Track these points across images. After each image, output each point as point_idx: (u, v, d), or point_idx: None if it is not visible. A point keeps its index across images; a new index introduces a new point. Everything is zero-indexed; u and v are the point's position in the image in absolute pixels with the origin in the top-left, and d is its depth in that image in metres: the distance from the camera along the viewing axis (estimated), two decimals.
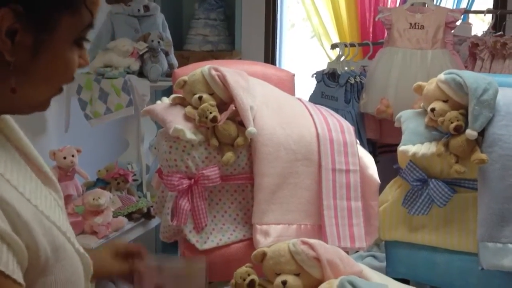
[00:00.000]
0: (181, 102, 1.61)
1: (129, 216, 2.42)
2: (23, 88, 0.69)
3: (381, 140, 2.60)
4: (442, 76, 1.66)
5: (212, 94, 1.56)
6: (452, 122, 1.60)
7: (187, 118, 1.55)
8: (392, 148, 2.56)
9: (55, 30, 0.68)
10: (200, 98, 1.53)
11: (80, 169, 2.38)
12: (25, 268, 0.64)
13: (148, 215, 2.50)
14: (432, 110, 1.64)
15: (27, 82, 0.69)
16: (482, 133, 1.61)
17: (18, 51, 0.66)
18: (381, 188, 1.70)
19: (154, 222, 2.59)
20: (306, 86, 2.82)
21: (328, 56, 3.12)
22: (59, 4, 0.67)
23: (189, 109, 1.55)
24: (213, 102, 1.53)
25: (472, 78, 1.60)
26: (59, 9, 0.67)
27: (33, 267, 0.65)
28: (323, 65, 2.78)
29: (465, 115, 1.61)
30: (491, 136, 1.60)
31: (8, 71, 0.66)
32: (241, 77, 1.61)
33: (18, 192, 0.66)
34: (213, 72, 1.56)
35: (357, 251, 2.23)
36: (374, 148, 2.60)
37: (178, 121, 1.53)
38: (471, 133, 1.57)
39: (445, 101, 1.65)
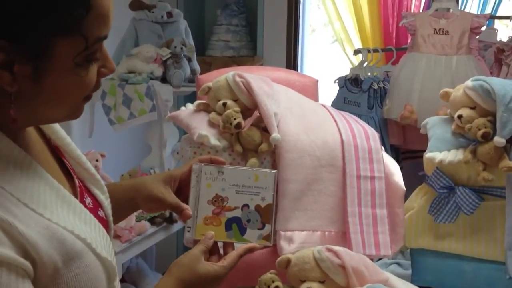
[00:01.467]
0: (206, 108, 1.62)
1: (152, 221, 2.43)
2: (37, 111, 0.71)
3: (404, 146, 2.58)
4: (469, 82, 1.64)
5: (236, 100, 1.56)
6: (479, 129, 1.58)
7: (212, 124, 1.55)
8: (415, 154, 2.53)
9: (53, 55, 0.67)
10: (224, 104, 1.54)
11: (104, 173, 2.40)
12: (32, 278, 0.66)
13: (170, 220, 2.51)
14: (459, 117, 1.62)
15: (39, 105, 0.70)
16: (510, 140, 1.59)
17: (19, 80, 0.66)
18: (405, 194, 1.68)
19: (176, 227, 2.60)
20: (327, 91, 2.81)
21: (351, 62, 3.11)
22: (50, 31, 0.66)
23: (213, 115, 1.56)
24: (238, 109, 1.53)
25: (500, 84, 1.58)
26: (51, 35, 0.66)
27: (39, 278, 0.66)
28: (344, 70, 2.77)
29: (493, 122, 1.59)
30: None
31: (10, 101, 0.67)
32: (265, 83, 1.61)
33: (29, 208, 0.67)
34: (238, 79, 1.56)
35: (380, 259, 2.21)
36: (397, 154, 2.58)
37: (202, 127, 1.53)
38: (499, 140, 1.55)
39: (473, 108, 1.63)
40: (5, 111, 0.68)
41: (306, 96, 1.77)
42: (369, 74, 2.59)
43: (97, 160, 2.34)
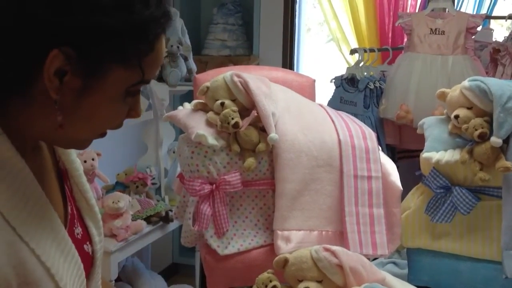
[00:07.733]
0: (203, 108, 1.62)
1: (148, 220, 2.43)
2: (66, 125, 0.71)
3: (400, 145, 2.59)
4: (466, 83, 1.64)
5: (234, 100, 1.56)
6: (476, 129, 1.58)
7: (209, 124, 1.55)
8: (411, 154, 2.54)
9: (104, 79, 0.69)
10: (222, 104, 1.53)
11: (100, 172, 2.39)
12: None
13: (166, 219, 2.51)
14: (456, 117, 1.62)
15: (70, 120, 0.71)
16: (507, 140, 1.59)
17: (65, 91, 0.68)
18: (401, 194, 1.68)
19: (172, 226, 2.60)
20: (323, 90, 2.81)
21: (346, 61, 3.11)
22: (113, 57, 0.68)
23: (211, 115, 1.55)
24: (235, 108, 1.53)
25: (497, 85, 1.58)
26: (112, 60, 0.68)
27: None
28: (340, 70, 2.77)
29: (490, 123, 1.59)
30: None
31: (54, 108, 0.69)
32: (263, 83, 1.61)
33: (3, 219, 0.66)
34: (235, 78, 1.56)
35: (375, 258, 2.21)
36: (393, 153, 2.59)
37: (200, 126, 1.53)
38: (495, 140, 1.55)
39: (469, 108, 1.63)
40: (41, 119, 0.70)
41: (303, 96, 1.77)
42: (365, 73, 2.60)
43: (93, 159, 2.33)
